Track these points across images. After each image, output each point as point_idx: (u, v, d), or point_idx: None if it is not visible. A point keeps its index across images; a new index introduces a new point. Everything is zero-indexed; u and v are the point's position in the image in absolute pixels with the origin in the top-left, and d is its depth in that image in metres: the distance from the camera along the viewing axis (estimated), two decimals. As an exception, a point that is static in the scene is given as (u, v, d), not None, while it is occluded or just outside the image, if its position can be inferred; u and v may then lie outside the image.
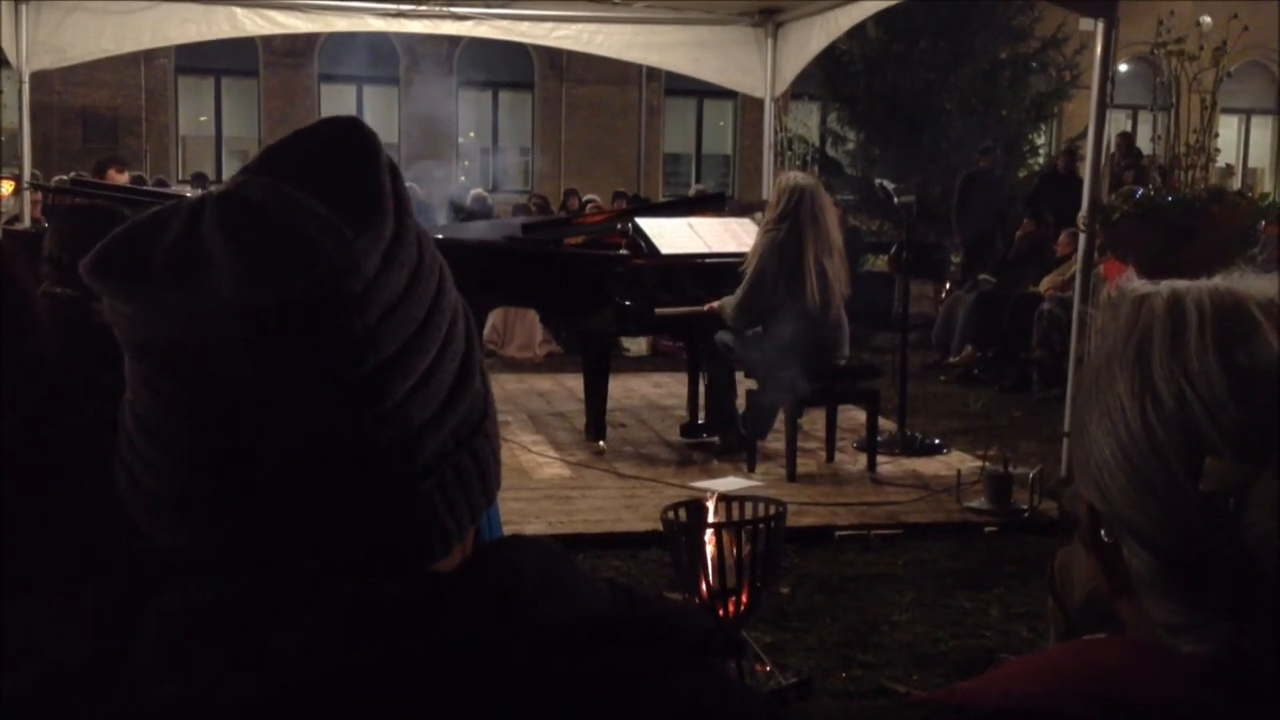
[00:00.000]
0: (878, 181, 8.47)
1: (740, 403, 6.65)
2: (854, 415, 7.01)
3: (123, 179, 9.66)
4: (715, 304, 6.37)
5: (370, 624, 0.68)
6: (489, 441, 0.77)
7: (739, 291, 6.11)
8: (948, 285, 11.66)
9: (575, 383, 7.77)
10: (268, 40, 17.66)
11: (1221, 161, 8.11)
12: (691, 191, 15.44)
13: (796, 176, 6.41)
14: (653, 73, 18.61)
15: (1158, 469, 0.77)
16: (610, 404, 6.94)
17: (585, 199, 14.53)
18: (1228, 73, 6.12)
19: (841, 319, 6.23)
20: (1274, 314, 0.79)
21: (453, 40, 16.93)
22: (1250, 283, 0.81)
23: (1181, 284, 0.82)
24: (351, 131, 0.74)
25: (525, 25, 9.64)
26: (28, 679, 0.74)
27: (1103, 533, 0.82)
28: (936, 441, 7.03)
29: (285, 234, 0.68)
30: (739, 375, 6.68)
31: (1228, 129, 19.26)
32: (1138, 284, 0.84)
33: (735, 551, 3.61)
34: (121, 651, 0.72)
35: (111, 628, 0.75)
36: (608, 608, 0.75)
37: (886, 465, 6.50)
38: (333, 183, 0.71)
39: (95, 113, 17.94)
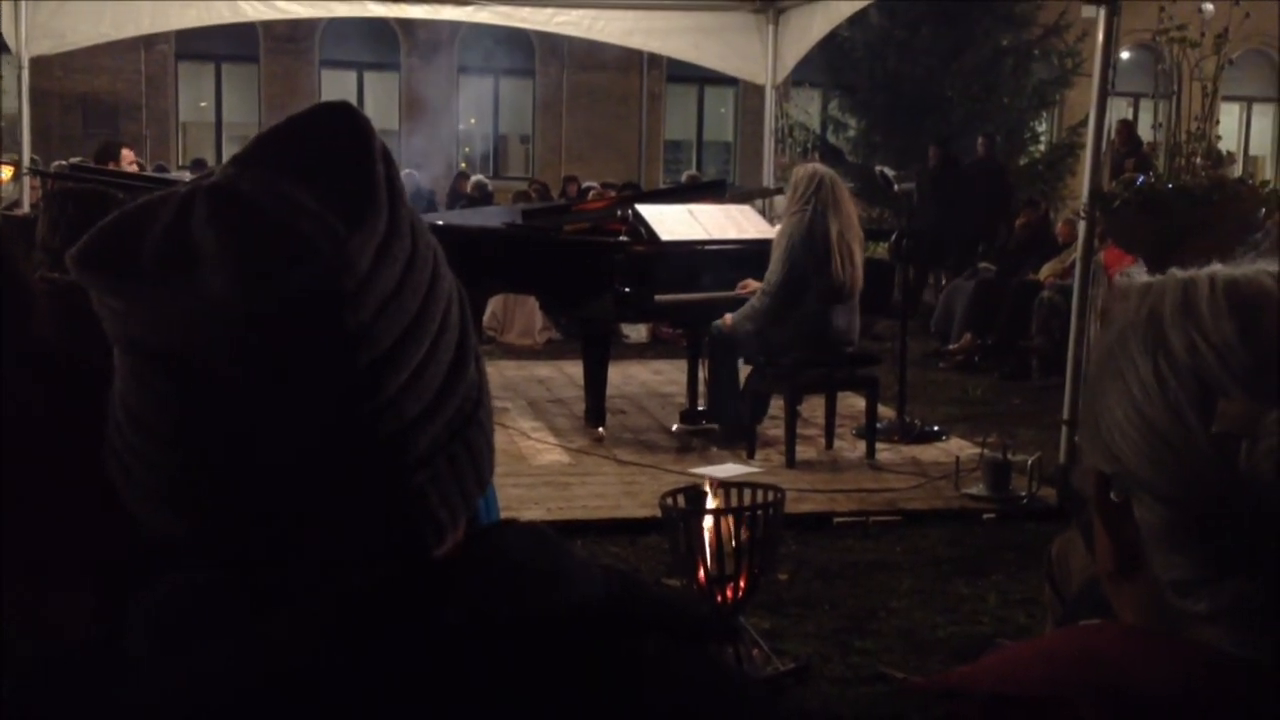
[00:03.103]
0: (878, 169, 8.46)
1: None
2: (853, 402, 7.00)
3: (132, 155, 9.68)
4: (727, 320, 6.27)
5: (360, 612, 0.68)
6: (482, 430, 0.76)
7: (772, 277, 6.10)
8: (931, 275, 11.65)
9: (575, 369, 7.76)
10: (268, 26, 17.59)
11: (1222, 149, 8.09)
12: (684, 178, 15.40)
13: (815, 165, 6.52)
14: (654, 59, 18.54)
15: (1170, 418, 0.77)
16: (610, 391, 6.94)
17: (585, 185, 14.50)
18: (1229, 60, 6.10)
19: (857, 306, 6.27)
20: None
21: (453, 26, 16.87)
22: (1255, 265, 0.81)
23: (1191, 270, 0.83)
24: (344, 119, 0.73)
25: (526, 11, 9.62)
26: (24, 666, 0.74)
27: (1112, 494, 0.82)
28: (935, 429, 7.03)
29: (278, 232, 0.67)
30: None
31: (1229, 117, 19.17)
32: (1145, 276, 0.85)
33: (734, 538, 3.61)
34: (114, 640, 0.72)
35: (110, 616, 0.75)
36: (602, 593, 0.74)
37: (885, 452, 6.50)
38: (326, 176, 0.70)
39: (95, 98, 17.89)
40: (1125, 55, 15.74)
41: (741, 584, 3.65)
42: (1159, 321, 0.80)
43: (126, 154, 9.40)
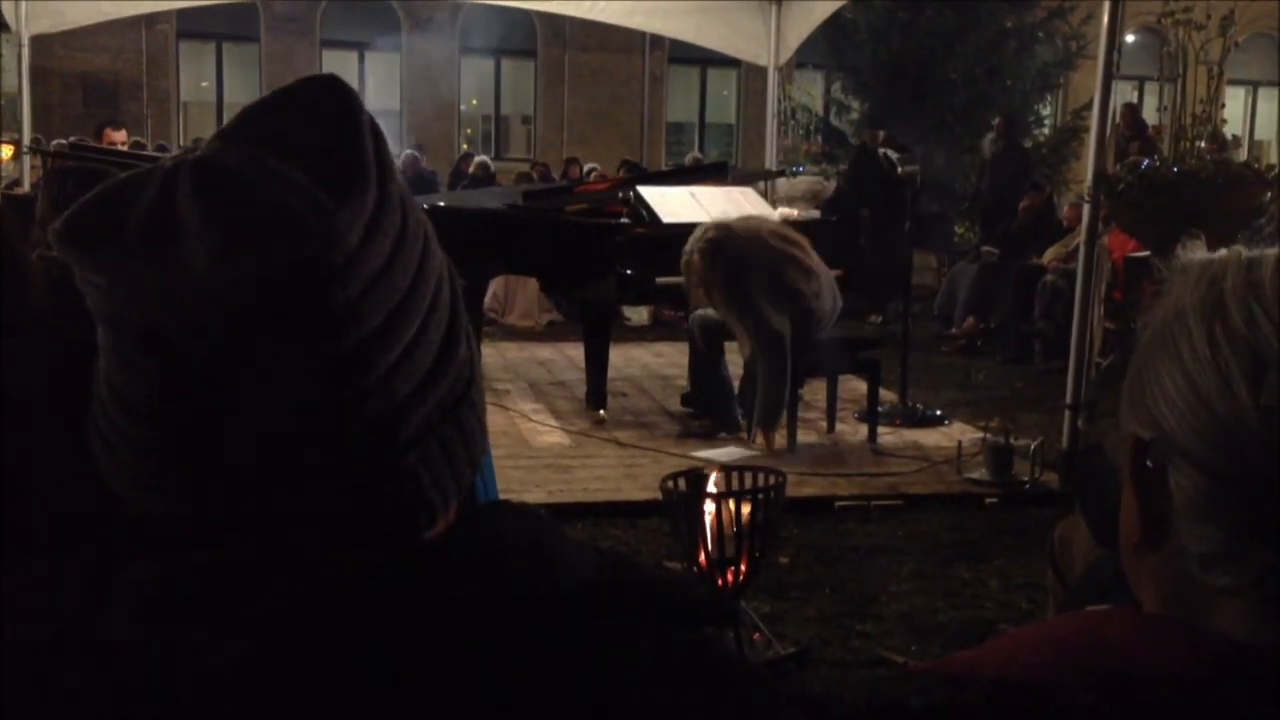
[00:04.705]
0: (881, 151, 8.42)
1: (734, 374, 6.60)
2: (855, 386, 6.99)
3: (119, 137, 9.62)
4: (760, 435, 6.03)
5: (349, 594, 0.67)
6: (474, 410, 0.75)
7: (768, 362, 5.87)
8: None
9: (576, 351, 7.76)
10: (269, 5, 17.60)
11: (1227, 133, 8.06)
12: (688, 160, 15.36)
13: (694, 244, 5.93)
14: (656, 41, 18.52)
15: (1219, 387, 0.76)
16: (611, 373, 6.93)
17: (587, 167, 14.49)
18: (1235, 43, 6.07)
19: (831, 279, 6.12)
20: None
21: (455, 6, 16.85)
22: None
23: (1257, 249, 0.82)
24: (332, 93, 0.71)
25: (528, -10, 9.60)
26: (7, 645, 0.73)
27: (1148, 461, 0.80)
28: (938, 413, 7.02)
29: (264, 206, 0.65)
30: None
31: (1234, 100, 19.19)
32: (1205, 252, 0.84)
33: (735, 521, 3.61)
34: (97, 618, 0.71)
35: (98, 592, 0.74)
36: (595, 576, 0.73)
37: (887, 436, 6.49)
38: (313, 150, 0.68)
39: (96, 78, 17.87)
40: (1130, 38, 15.70)
41: (742, 568, 3.65)
42: (1219, 292, 0.79)
43: (114, 135, 9.33)
